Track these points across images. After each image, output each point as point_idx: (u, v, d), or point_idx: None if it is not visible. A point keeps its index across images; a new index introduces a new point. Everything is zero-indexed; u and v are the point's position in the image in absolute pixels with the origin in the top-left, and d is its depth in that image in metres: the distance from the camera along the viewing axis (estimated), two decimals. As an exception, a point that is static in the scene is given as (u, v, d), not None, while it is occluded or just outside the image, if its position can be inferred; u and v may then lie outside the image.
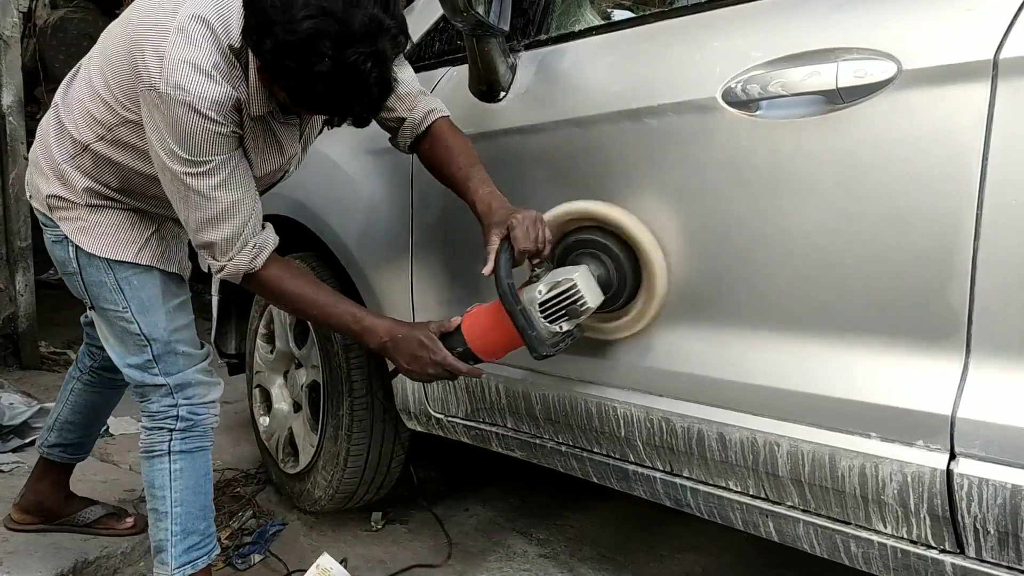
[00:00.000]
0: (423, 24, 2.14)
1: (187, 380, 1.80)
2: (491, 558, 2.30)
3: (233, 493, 2.60)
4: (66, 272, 1.79)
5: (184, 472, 1.80)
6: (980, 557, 1.28)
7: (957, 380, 1.26)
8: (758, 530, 1.56)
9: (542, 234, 1.59)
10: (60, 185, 1.72)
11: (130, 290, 1.74)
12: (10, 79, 3.55)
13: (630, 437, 1.67)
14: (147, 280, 1.75)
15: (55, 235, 1.76)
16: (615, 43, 1.72)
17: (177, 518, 1.80)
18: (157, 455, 1.80)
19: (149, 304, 1.75)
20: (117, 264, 1.73)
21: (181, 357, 1.79)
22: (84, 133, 1.68)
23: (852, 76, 1.32)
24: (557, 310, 1.55)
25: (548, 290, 1.55)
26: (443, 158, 1.74)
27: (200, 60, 1.49)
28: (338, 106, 1.50)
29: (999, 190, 1.21)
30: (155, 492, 1.81)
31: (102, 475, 2.65)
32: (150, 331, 1.76)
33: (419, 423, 2.17)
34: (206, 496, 1.85)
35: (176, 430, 1.79)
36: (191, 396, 1.80)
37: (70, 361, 3.95)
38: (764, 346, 1.47)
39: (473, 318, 1.64)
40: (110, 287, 1.74)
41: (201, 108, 1.49)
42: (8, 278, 3.69)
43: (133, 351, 1.78)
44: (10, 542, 2.17)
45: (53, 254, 1.80)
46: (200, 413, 1.81)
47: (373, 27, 1.40)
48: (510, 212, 1.60)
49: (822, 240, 1.39)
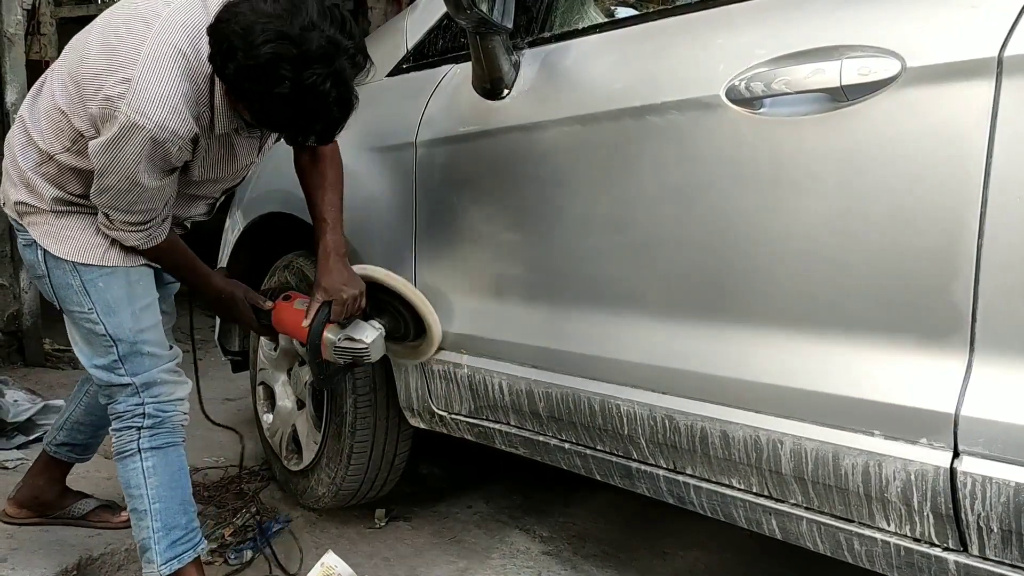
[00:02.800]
0: (426, 21, 2.14)
1: (153, 379, 1.82)
2: (494, 555, 2.30)
3: (236, 490, 2.60)
4: (36, 275, 1.84)
5: (157, 468, 1.82)
6: (983, 555, 1.28)
7: (961, 378, 1.26)
8: (761, 528, 1.56)
9: (357, 307, 1.90)
10: (27, 192, 1.76)
11: (96, 292, 1.77)
12: (14, 76, 3.56)
13: (633, 434, 1.67)
14: (113, 282, 1.78)
15: (25, 239, 1.81)
16: (618, 41, 1.72)
17: (157, 515, 1.81)
18: (128, 454, 1.82)
19: (115, 305, 1.78)
20: (83, 267, 1.76)
21: (147, 357, 1.82)
22: (51, 144, 1.71)
23: (856, 74, 1.32)
24: (347, 355, 1.95)
25: (346, 339, 1.94)
26: (313, 180, 1.93)
27: (168, 91, 1.54)
28: (300, 126, 1.58)
29: (1003, 187, 1.20)
30: (132, 492, 1.83)
31: (105, 471, 2.65)
32: (116, 332, 1.79)
33: (422, 420, 2.17)
34: (183, 491, 1.86)
35: (144, 427, 1.81)
36: (157, 394, 1.82)
37: (74, 358, 3.97)
38: (767, 344, 1.47)
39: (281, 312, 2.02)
40: (76, 289, 1.77)
41: (159, 137, 1.55)
42: (12, 275, 3.70)
43: (99, 352, 1.81)
44: (15, 538, 2.18)
45: (24, 258, 1.85)
46: (167, 411, 1.83)
47: (330, 48, 1.48)
48: (338, 288, 1.87)
49: (825, 238, 1.39)
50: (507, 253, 1.92)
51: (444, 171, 2.02)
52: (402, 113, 2.09)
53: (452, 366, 2.01)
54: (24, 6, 3.78)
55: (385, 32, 2.39)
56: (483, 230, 1.96)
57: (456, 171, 2.00)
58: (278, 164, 2.45)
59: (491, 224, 1.94)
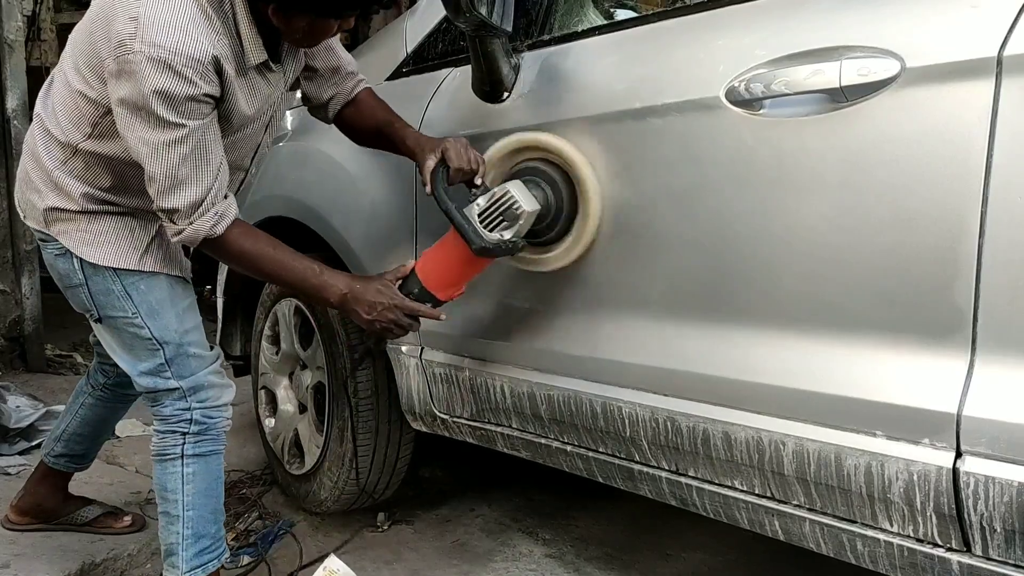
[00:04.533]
0: (426, 25, 2.14)
1: (200, 383, 1.78)
2: (497, 559, 2.30)
3: (239, 495, 2.60)
4: (70, 285, 1.77)
5: (196, 476, 1.79)
6: (987, 555, 1.28)
7: (963, 378, 1.26)
8: (764, 529, 1.56)
9: (474, 155, 1.72)
10: (56, 195, 1.71)
11: (138, 295, 1.73)
12: (15, 82, 3.56)
13: (635, 437, 1.67)
14: (154, 284, 1.75)
15: (56, 249, 1.74)
16: (618, 43, 1.72)
17: (188, 522, 1.78)
18: (170, 458, 1.78)
19: (158, 308, 1.74)
20: (123, 271, 1.72)
21: (193, 359, 1.78)
22: (72, 135, 1.67)
23: (855, 74, 1.32)
24: (495, 217, 1.65)
25: (485, 201, 1.66)
26: (368, 115, 1.88)
27: (176, 16, 1.48)
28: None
29: (1004, 187, 1.20)
30: (167, 496, 1.80)
31: (108, 477, 2.66)
32: (161, 334, 1.75)
33: (424, 424, 2.17)
34: (217, 500, 1.84)
35: (189, 434, 1.77)
36: (204, 399, 1.79)
37: (76, 364, 3.98)
38: (769, 344, 1.47)
39: (424, 258, 1.74)
40: (118, 294, 1.73)
41: (177, 65, 1.47)
42: (14, 281, 3.70)
43: (144, 357, 1.76)
44: (17, 544, 2.18)
45: (55, 268, 1.78)
46: (213, 416, 1.80)
47: None
48: (440, 140, 1.73)
49: (826, 238, 1.39)
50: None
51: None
52: (402, 117, 2.09)
53: (454, 369, 2.01)
54: (24, 12, 3.79)
55: (385, 36, 2.39)
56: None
57: (456, 174, 2.00)
58: (278, 169, 2.46)
59: (492, 227, 1.93)
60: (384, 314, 1.67)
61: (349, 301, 1.67)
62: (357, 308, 1.68)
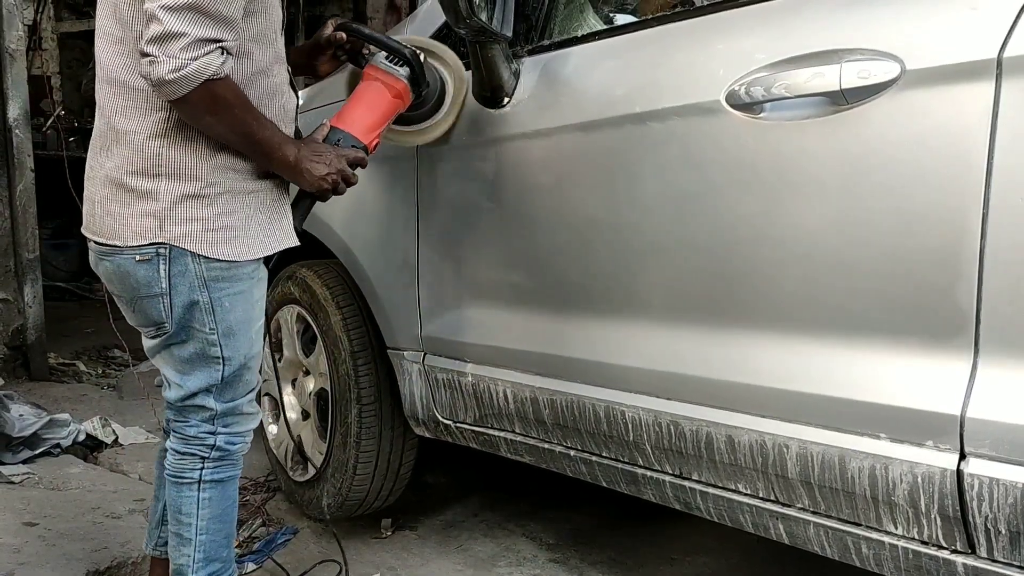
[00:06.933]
0: (426, 31, 2.15)
1: (234, 409, 1.73)
2: (500, 563, 2.30)
3: (242, 502, 2.60)
4: (148, 295, 1.62)
5: (212, 501, 1.74)
6: (992, 557, 1.27)
7: (966, 380, 1.26)
8: (768, 532, 1.56)
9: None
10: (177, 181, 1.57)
11: (221, 311, 1.64)
12: (16, 91, 3.57)
13: (639, 441, 1.67)
14: (238, 302, 1.66)
15: (143, 255, 1.59)
16: (618, 47, 1.73)
17: (200, 546, 1.75)
18: (187, 483, 1.73)
19: (236, 327, 1.67)
20: (212, 283, 1.62)
21: (242, 384, 1.72)
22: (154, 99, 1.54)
23: (856, 77, 1.32)
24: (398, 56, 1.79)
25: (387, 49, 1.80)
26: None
27: None
28: None
29: (1005, 188, 1.21)
30: (180, 518, 1.75)
31: (112, 485, 2.66)
32: (231, 354, 1.67)
33: (427, 429, 2.17)
34: (231, 524, 1.80)
35: (209, 459, 1.73)
36: (230, 425, 1.74)
37: (79, 372, 3.98)
38: (772, 348, 1.47)
39: (338, 115, 1.78)
40: (202, 307, 1.63)
41: None
42: (17, 290, 3.71)
43: (200, 372, 1.68)
44: (21, 552, 2.18)
45: (134, 277, 1.61)
46: (235, 443, 1.76)
47: None
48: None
49: (828, 241, 1.39)
50: (510, 260, 1.92)
51: (446, 179, 2.03)
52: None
53: (456, 374, 2.01)
54: (25, 21, 3.80)
55: (385, 42, 2.40)
56: (486, 237, 1.96)
57: (458, 179, 2.01)
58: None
59: (494, 231, 1.94)
60: (334, 164, 1.67)
61: (303, 159, 1.64)
62: (313, 162, 1.65)
